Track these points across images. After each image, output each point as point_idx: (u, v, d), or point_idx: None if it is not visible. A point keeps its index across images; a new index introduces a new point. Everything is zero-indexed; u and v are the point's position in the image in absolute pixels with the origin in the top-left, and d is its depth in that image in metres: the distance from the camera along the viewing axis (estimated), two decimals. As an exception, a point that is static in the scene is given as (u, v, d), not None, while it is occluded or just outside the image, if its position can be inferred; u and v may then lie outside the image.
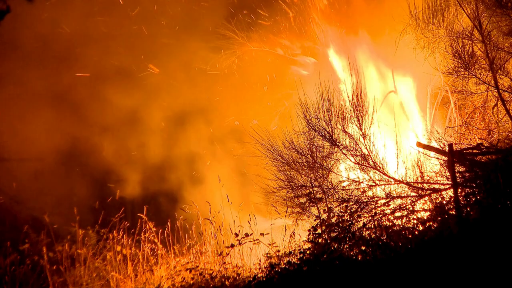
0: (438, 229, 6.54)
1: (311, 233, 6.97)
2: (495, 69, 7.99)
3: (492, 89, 8.13)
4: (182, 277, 7.52)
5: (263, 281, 6.71)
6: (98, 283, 7.96)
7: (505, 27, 8.00)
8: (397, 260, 6.13)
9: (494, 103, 8.28)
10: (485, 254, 5.71)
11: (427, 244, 6.20)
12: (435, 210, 6.83)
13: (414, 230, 6.71)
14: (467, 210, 6.67)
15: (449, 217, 6.64)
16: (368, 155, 7.53)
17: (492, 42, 8.07)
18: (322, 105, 7.67)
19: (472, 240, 5.99)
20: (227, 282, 7.19)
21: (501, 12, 7.95)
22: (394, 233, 6.67)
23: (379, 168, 7.50)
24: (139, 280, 7.88)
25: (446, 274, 5.68)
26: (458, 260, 5.77)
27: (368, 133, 7.58)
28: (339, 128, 7.66)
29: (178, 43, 11.15)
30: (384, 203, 7.35)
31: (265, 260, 7.21)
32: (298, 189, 7.87)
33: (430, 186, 7.32)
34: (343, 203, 7.47)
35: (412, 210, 7.15)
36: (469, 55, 8.23)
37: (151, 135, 11.41)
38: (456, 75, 8.46)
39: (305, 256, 6.70)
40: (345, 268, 6.25)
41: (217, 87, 11.10)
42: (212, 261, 8.05)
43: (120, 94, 11.00)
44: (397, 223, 6.94)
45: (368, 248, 6.55)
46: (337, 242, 6.74)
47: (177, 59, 11.25)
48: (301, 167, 7.87)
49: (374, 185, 7.51)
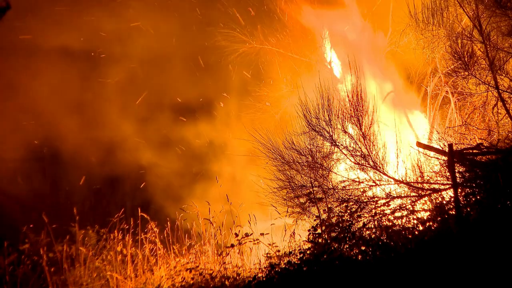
0: (438, 229, 6.55)
1: (311, 233, 6.97)
2: (495, 69, 8.00)
3: (492, 89, 8.14)
4: (182, 277, 7.52)
5: (263, 281, 6.71)
6: (98, 283, 7.96)
7: (505, 28, 8.01)
8: (397, 260, 6.13)
9: (494, 103, 8.29)
10: (485, 254, 5.71)
11: (427, 244, 6.21)
12: (435, 210, 6.84)
13: (414, 230, 6.71)
14: (467, 210, 6.68)
15: (449, 217, 6.65)
16: (368, 155, 7.54)
17: (492, 42, 8.08)
18: (322, 105, 7.67)
19: (472, 240, 5.99)
20: (227, 282, 7.20)
21: (500, 12, 7.96)
22: (394, 233, 6.68)
23: (379, 168, 7.51)
24: (139, 280, 7.88)
25: (446, 274, 5.69)
26: (458, 260, 5.78)
27: (368, 133, 7.58)
28: (339, 128, 7.66)
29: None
30: (384, 203, 7.36)
31: (265, 260, 7.21)
32: (298, 189, 7.87)
33: (430, 186, 7.33)
34: (343, 203, 7.47)
35: (412, 210, 7.15)
36: (469, 55, 8.24)
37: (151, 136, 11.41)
38: (456, 76, 8.48)
39: (305, 256, 6.71)
40: (345, 268, 6.25)
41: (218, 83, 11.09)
42: (212, 261, 8.05)
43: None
44: (397, 223, 6.94)
45: (368, 248, 6.56)
46: (337, 242, 6.75)
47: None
48: (301, 167, 7.88)
49: (374, 185, 7.51)
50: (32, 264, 7.95)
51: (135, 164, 11.31)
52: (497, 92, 8.04)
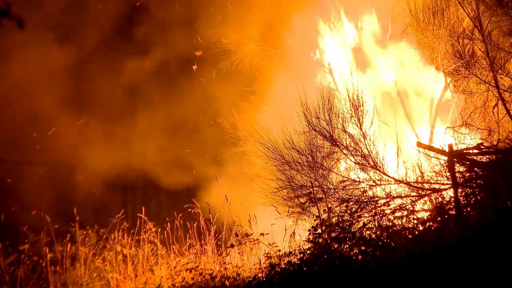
0: (438, 229, 6.54)
1: (311, 233, 6.96)
2: (495, 69, 7.99)
3: (493, 89, 8.13)
4: (182, 277, 7.52)
5: (263, 281, 6.71)
6: (98, 283, 7.96)
7: (506, 27, 7.99)
8: (397, 260, 6.12)
9: (494, 103, 8.28)
10: (485, 254, 5.70)
11: (427, 244, 6.20)
12: (435, 210, 6.83)
13: (414, 230, 6.70)
14: (467, 210, 6.67)
15: (449, 217, 6.64)
16: (368, 155, 7.53)
17: (493, 42, 8.07)
18: (323, 105, 7.66)
19: (472, 240, 5.98)
20: (227, 282, 7.19)
21: (501, 12, 7.94)
22: (394, 233, 6.67)
23: (379, 168, 7.49)
24: (139, 280, 7.88)
25: (446, 274, 5.68)
26: (458, 260, 5.77)
27: (369, 133, 7.57)
28: (340, 128, 7.66)
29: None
30: (384, 203, 7.35)
31: (265, 260, 7.20)
32: (298, 189, 7.86)
33: (430, 186, 7.32)
34: (343, 203, 7.46)
35: (412, 210, 7.14)
36: (470, 55, 8.23)
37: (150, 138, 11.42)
38: (457, 75, 8.46)
39: (305, 256, 6.70)
40: (345, 268, 6.24)
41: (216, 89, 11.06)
42: (212, 261, 8.05)
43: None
44: (397, 223, 6.94)
45: (368, 248, 6.55)
46: (337, 242, 6.74)
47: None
48: (301, 167, 7.87)
49: (374, 185, 7.50)
50: (32, 264, 7.96)
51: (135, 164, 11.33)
52: (498, 91, 8.03)
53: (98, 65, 11.24)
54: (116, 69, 11.17)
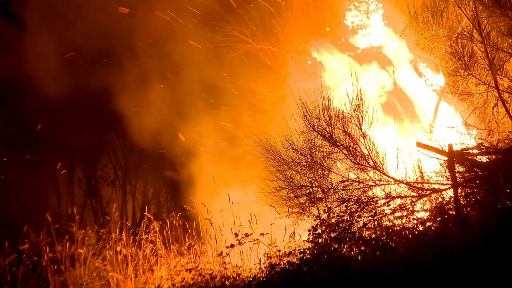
0: (438, 229, 6.55)
1: (311, 233, 6.97)
2: (494, 69, 8.00)
3: (492, 89, 8.14)
4: (182, 277, 7.53)
5: (263, 281, 6.72)
6: (98, 283, 7.96)
7: (504, 28, 8.00)
8: (397, 260, 6.14)
9: (494, 104, 8.29)
10: (485, 254, 5.72)
11: (427, 244, 6.21)
12: (435, 210, 6.84)
13: (414, 230, 6.72)
14: (467, 210, 6.69)
15: (449, 217, 6.65)
16: (368, 155, 7.53)
17: (492, 42, 8.07)
18: (323, 105, 7.66)
19: (472, 240, 6.00)
20: (227, 282, 7.20)
21: (500, 12, 7.95)
22: (394, 233, 6.68)
23: (379, 168, 7.50)
24: (139, 280, 7.89)
25: (446, 274, 5.70)
26: (458, 260, 5.78)
27: (368, 133, 7.58)
28: (339, 128, 7.65)
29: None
30: (384, 203, 7.35)
31: (265, 260, 7.21)
32: (298, 189, 7.87)
33: (430, 186, 7.33)
34: (343, 203, 7.47)
35: (412, 210, 7.15)
36: (469, 55, 8.23)
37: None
38: (456, 76, 8.48)
39: (305, 256, 6.71)
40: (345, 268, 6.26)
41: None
42: (212, 261, 8.06)
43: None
44: (397, 223, 6.95)
45: (368, 248, 6.56)
46: (337, 242, 6.75)
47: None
48: (301, 167, 7.87)
49: (374, 185, 7.51)
50: (32, 264, 7.95)
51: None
52: (497, 92, 8.04)
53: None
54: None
